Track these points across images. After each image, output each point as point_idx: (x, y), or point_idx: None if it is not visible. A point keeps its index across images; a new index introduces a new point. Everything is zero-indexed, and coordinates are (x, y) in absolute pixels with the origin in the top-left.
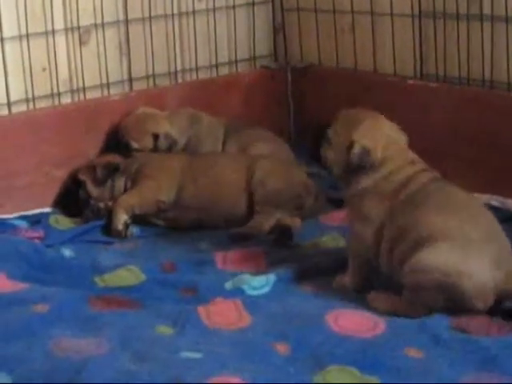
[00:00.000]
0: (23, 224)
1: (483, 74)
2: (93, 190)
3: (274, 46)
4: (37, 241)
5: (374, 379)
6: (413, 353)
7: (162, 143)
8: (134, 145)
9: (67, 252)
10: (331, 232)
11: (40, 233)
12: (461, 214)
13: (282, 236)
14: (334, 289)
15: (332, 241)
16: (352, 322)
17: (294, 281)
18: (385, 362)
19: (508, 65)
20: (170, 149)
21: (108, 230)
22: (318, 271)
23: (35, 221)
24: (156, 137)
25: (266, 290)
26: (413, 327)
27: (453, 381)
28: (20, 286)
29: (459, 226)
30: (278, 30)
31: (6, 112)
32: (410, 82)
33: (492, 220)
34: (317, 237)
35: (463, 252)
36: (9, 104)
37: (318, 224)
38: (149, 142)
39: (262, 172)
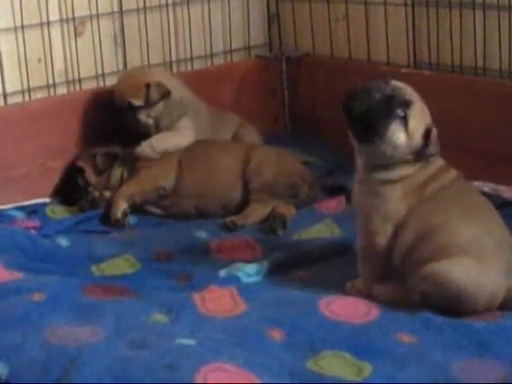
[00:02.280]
0: (20, 215)
1: (476, 62)
2: (92, 177)
3: (269, 36)
4: (33, 231)
5: (367, 364)
6: (405, 338)
7: (154, 93)
8: (136, 102)
9: (63, 242)
10: (325, 220)
11: (36, 223)
12: (481, 224)
13: (276, 224)
14: (346, 292)
15: (326, 228)
16: (345, 308)
17: (288, 268)
18: (378, 348)
19: (500, 52)
20: (162, 100)
21: (107, 218)
22: (311, 258)
23: (31, 211)
24: (148, 87)
25: (260, 277)
26: (405, 313)
27: (445, 366)
28: (16, 276)
29: (479, 237)
30: (273, 19)
31: (1, 103)
32: (404, 70)
33: (502, 225)
34: (311, 224)
35: (481, 265)
36: (4, 95)
37: (313, 212)
38: (143, 94)
39: (257, 161)
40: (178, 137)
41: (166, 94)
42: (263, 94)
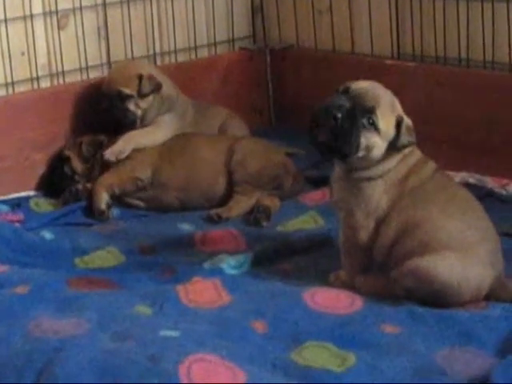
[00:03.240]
0: (3, 208)
1: (459, 53)
2: (78, 165)
3: (253, 28)
4: (17, 224)
5: (350, 354)
6: (389, 329)
7: (146, 85)
8: (125, 90)
9: (47, 234)
10: (310, 211)
11: (20, 216)
12: (463, 217)
13: (261, 216)
14: (330, 284)
15: (311, 220)
16: (329, 299)
17: (272, 260)
18: (361, 338)
19: (484, 43)
20: (153, 92)
21: (90, 210)
22: (295, 250)
23: (15, 204)
24: (140, 78)
25: (244, 269)
26: (389, 303)
27: (428, 355)
28: (0, 269)
29: (462, 230)
30: (257, 11)
31: None
32: (388, 61)
33: (484, 217)
34: (296, 216)
35: (465, 259)
36: None
37: (297, 203)
38: (135, 85)
39: (241, 152)
40: (155, 133)
41: (157, 87)
42: (247, 86)
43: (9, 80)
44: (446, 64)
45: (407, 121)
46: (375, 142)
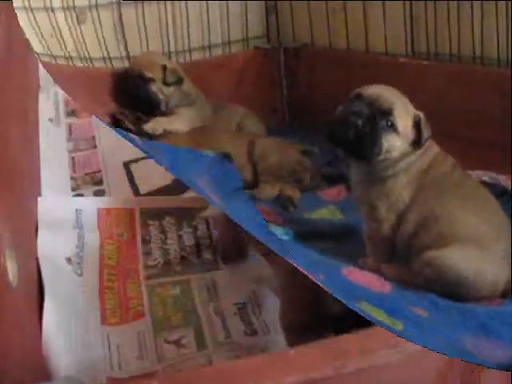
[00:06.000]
0: None
1: (474, 51)
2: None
3: (267, 27)
4: None
5: (398, 322)
6: (420, 312)
7: (169, 76)
8: (147, 74)
9: None
10: (329, 205)
11: None
12: (480, 214)
13: (286, 203)
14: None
15: (329, 213)
16: (364, 277)
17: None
18: (403, 312)
19: (498, 41)
20: (176, 84)
21: None
22: (323, 236)
23: None
24: (164, 69)
25: (286, 238)
26: (413, 291)
27: (459, 339)
28: None
29: (479, 226)
30: (271, 10)
31: None
32: (402, 60)
33: (501, 214)
34: (314, 209)
35: (482, 253)
36: None
37: (316, 198)
38: (158, 72)
39: (260, 147)
40: (177, 122)
41: (179, 81)
42: (262, 85)
43: None
44: (461, 62)
45: (422, 116)
46: (395, 144)
